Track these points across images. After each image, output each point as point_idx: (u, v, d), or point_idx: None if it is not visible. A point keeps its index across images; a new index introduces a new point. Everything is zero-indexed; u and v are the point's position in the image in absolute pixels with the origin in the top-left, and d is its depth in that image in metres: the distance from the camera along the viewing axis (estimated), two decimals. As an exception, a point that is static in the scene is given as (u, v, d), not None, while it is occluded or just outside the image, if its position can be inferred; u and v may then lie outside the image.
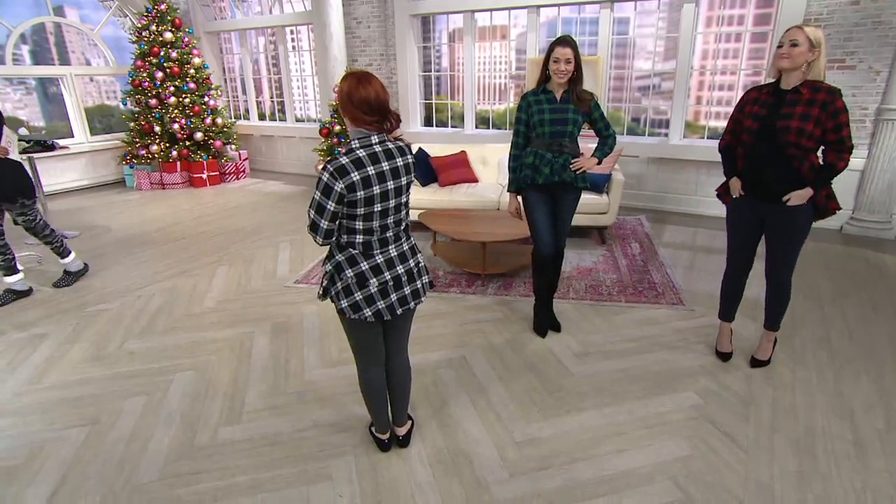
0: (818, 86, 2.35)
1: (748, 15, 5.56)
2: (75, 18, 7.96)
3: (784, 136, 2.40)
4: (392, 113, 1.88)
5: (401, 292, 2.01)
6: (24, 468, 2.26)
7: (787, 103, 2.40)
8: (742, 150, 2.62)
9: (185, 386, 2.85)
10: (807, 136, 2.35)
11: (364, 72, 1.86)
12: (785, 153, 2.42)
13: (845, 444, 2.33)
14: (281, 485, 2.16)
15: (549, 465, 2.24)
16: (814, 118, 2.33)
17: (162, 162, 7.58)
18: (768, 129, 2.45)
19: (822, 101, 2.31)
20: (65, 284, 4.17)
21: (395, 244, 2.00)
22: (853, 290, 3.86)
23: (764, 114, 2.48)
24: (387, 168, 1.85)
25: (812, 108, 2.33)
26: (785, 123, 2.39)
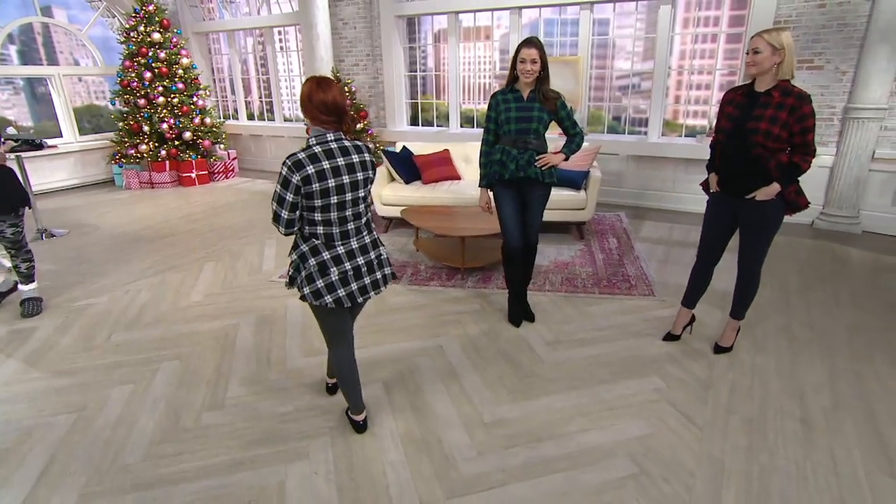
0: (790, 90, 2.47)
1: (723, 16, 5.73)
2: (63, 19, 8.02)
3: (752, 137, 2.54)
4: (348, 114, 2.04)
5: (361, 281, 2.16)
6: (12, 452, 2.36)
7: (759, 105, 2.54)
8: (719, 149, 2.77)
9: (171, 375, 2.95)
10: (773, 138, 2.49)
11: (324, 77, 2.04)
12: (752, 153, 2.56)
13: (793, 422, 2.47)
14: (259, 463, 2.27)
15: (515, 443, 2.37)
16: (781, 121, 2.46)
17: (151, 161, 7.65)
18: (739, 129, 2.60)
19: (791, 105, 2.44)
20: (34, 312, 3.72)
21: (357, 237, 2.14)
22: (818, 283, 4.02)
23: (737, 115, 2.62)
24: (342, 163, 2.00)
25: (781, 111, 2.46)
26: (754, 125, 2.53)
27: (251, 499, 2.09)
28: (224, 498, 2.10)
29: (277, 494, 2.11)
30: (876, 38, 4.67)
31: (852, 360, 2.99)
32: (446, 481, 2.16)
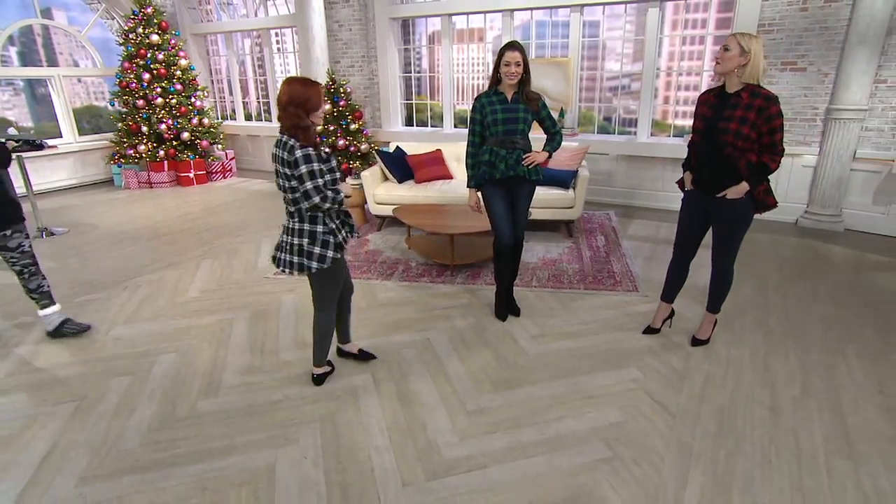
0: (758, 92, 2.58)
1: (710, 19, 5.84)
2: (63, 20, 8.13)
3: (722, 137, 2.64)
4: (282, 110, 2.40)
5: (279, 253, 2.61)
6: (17, 437, 2.48)
7: (729, 106, 2.64)
8: (693, 148, 2.89)
9: (168, 366, 3.07)
10: (742, 138, 2.59)
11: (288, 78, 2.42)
12: (723, 152, 2.67)
13: (762, 410, 2.59)
14: (251, 448, 2.39)
15: (496, 429, 2.48)
16: (750, 122, 2.57)
17: (149, 161, 7.76)
18: (711, 129, 2.71)
19: (759, 106, 2.54)
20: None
21: (290, 219, 2.54)
22: (798, 279, 4.14)
23: (709, 115, 2.73)
24: (275, 152, 2.46)
25: (749, 112, 2.57)
26: (724, 125, 2.63)
27: (243, 481, 2.20)
28: (217, 480, 2.21)
29: (267, 477, 2.22)
30: (855, 41, 4.79)
31: (825, 352, 3.10)
32: (428, 464, 2.27)
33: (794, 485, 2.14)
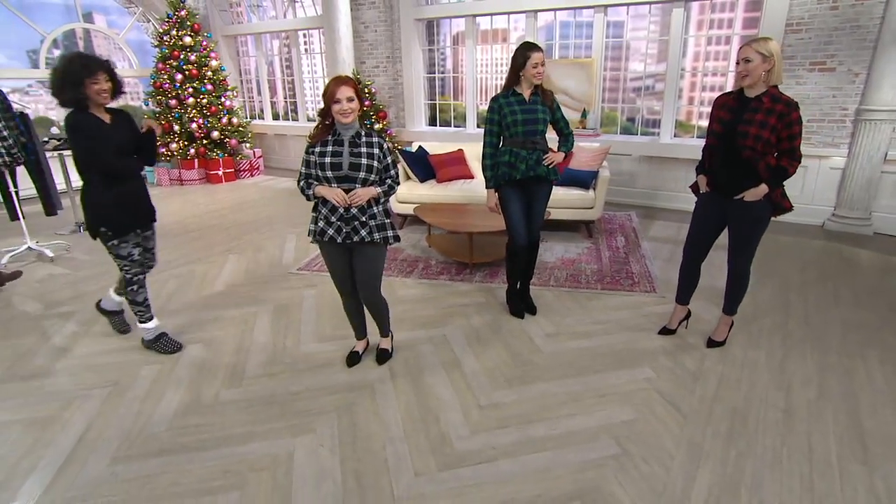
0: (779, 97, 2.59)
1: (736, 19, 5.77)
2: (102, 24, 8.46)
3: (742, 141, 2.65)
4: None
5: None
6: (56, 418, 2.63)
7: (750, 110, 2.65)
8: (710, 152, 2.89)
9: (194, 356, 3.20)
10: (762, 142, 2.60)
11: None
12: (742, 155, 2.67)
13: (776, 412, 2.59)
14: (271, 436, 2.49)
15: (507, 424, 2.54)
16: (770, 126, 2.57)
17: (181, 159, 8.02)
18: (730, 132, 2.71)
19: (780, 111, 2.55)
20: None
21: None
22: (821, 282, 4.08)
23: (728, 118, 2.73)
24: None
25: (770, 117, 2.57)
26: (744, 129, 2.63)
27: (263, 466, 2.31)
28: (239, 465, 2.31)
29: (286, 463, 2.32)
30: (889, 39, 4.68)
31: (844, 356, 3.07)
32: (440, 456, 2.34)
33: (804, 486, 2.14)
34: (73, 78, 2.71)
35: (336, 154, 2.56)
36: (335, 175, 2.56)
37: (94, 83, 2.74)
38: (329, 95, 2.49)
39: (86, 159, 2.85)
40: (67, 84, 2.72)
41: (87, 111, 2.81)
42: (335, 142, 2.58)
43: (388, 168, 2.69)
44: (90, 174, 2.89)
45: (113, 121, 2.93)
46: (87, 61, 2.76)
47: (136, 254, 3.13)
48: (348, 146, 2.57)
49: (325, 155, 2.56)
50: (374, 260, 2.76)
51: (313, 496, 2.14)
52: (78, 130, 2.78)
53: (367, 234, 2.65)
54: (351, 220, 2.62)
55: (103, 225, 2.97)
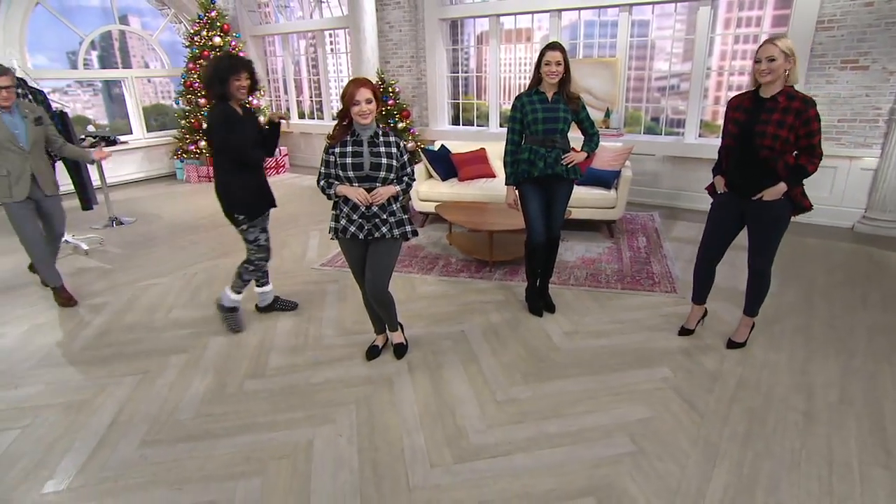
0: (794, 94, 2.56)
1: (765, 17, 5.67)
2: (137, 25, 8.72)
3: (760, 141, 2.63)
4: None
5: None
6: (89, 402, 2.75)
7: (766, 110, 2.62)
8: (726, 153, 2.88)
9: (219, 347, 3.30)
10: (781, 141, 2.58)
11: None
12: (759, 156, 2.66)
13: (796, 414, 2.56)
14: (292, 425, 2.56)
15: (523, 419, 2.57)
16: (788, 125, 2.55)
17: (209, 157, 8.20)
18: (747, 133, 2.69)
19: (797, 109, 2.53)
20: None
21: None
22: (848, 285, 3.99)
23: (744, 119, 2.71)
24: None
25: (787, 115, 2.55)
26: (762, 129, 2.62)
27: (283, 454, 2.38)
28: (260, 452, 2.39)
29: (306, 452, 2.39)
30: (924, 37, 4.55)
31: (869, 360, 3.01)
32: (456, 448, 2.38)
33: (823, 489, 2.12)
34: (222, 75, 2.98)
35: (356, 154, 2.62)
36: (357, 175, 2.62)
37: (237, 80, 3.02)
38: (348, 97, 2.54)
39: (225, 148, 3.09)
40: (216, 80, 3.00)
41: (226, 104, 3.07)
42: (354, 142, 2.64)
43: (405, 166, 2.75)
44: (227, 163, 3.14)
45: (245, 115, 3.19)
46: (234, 61, 3.05)
47: (262, 239, 3.45)
48: (367, 146, 2.63)
49: (345, 155, 2.62)
50: (388, 255, 2.81)
51: (331, 484, 2.20)
52: (222, 121, 3.03)
53: (387, 231, 2.71)
54: (372, 218, 2.68)
55: (238, 210, 3.24)
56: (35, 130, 3.64)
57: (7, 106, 3.47)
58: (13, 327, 3.59)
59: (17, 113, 3.57)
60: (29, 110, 3.65)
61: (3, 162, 3.53)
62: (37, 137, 3.65)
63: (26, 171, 3.63)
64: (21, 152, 3.58)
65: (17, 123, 3.56)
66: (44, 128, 3.71)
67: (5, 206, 3.67)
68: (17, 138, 3.54)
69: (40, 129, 3.68)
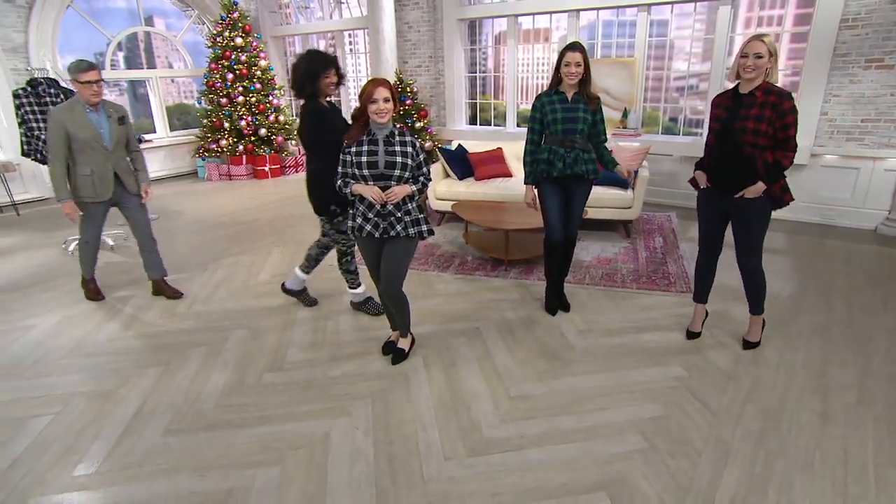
0: (771, 89, 2.62)
1: (787, 15, 5.60)
2: (162, 27, 8.92)
3: (741, 137, 2.68)
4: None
5: None
6: (115, 393, 2.85)
7: (744, 106, 2.68)
8: (709, 149, 2.91)
9: (239, 341, 3.39)
10: (762, 135, 2.63)
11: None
12: (742, 152, 2.70)
13: (811, 415, 2.55)
14: (310, 417, 2.62)
15: (536, 415, 2.60)
16: (766, 119, 2.61)
17: (230, 155, 8.36)
18: (728, 129, 2.74)
19: (773, 102, 2.59)
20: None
21: None
22: (869, 287, 3.94)
23: (724, 116, 2.76)
24: None
25: (764, 109, 2.61)
26: (742, 124, 2.67)
27: (300, 445, 2.44)
28: (278, 442, 2.46)
29: (322, 443, 2.44)
30: (951, 36, 4.47)
31: (889, 362, 2.98)
32: (470, 442, 2.42)
33: (837, 490, 2.12)
34: (312, 73, 3.09)
35: (372, 153, 2.66)
36: (371, 173, 2.66)
37: (327, 77, 3.11)
38: (366, 96, 2.59)
39: (320, 143, 3.19)
40: (306, 79, 3.10)
41: (316, 101, 3.17)
42: (370, 141, 2.68)
43: (421, 165, 2.78)
44: (321, 158, 3.22)
45: (332, 110, 3.29)
46: (323, 58, 3.15)
47: None
48: (383, 145, 2.67)
49: (361, 154, 2.67)
50: (403, 254, 2.84)
51: (347, 474, 2.25)
52: (316, 116, 3.15)
53: (402, 230, 2.75)
54: (387, 216, 2.72)
55: (333, 202, 3.33)
56: (118, 130, 3.61)
57: (95, 103, 3.46)
58: (44, 319, 3.72)
59: (102, 111, 3.54)
60: (113, 109, 3.62)
61: (88, 161, 3.52)
62: (119, 137, 3.63)
63: (109, 170, 3.61)
64: (105, 151, 3.56)
65: (102, 122, 3.53)
66: (126, 127, 3.68)
67: (83, 205, 3.66)
68: (102, 137, 3.52)
69: (123, 128, 3.65)
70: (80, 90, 3.38)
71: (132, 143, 3.79)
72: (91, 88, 3.38)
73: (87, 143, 3.47)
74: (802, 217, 5.58)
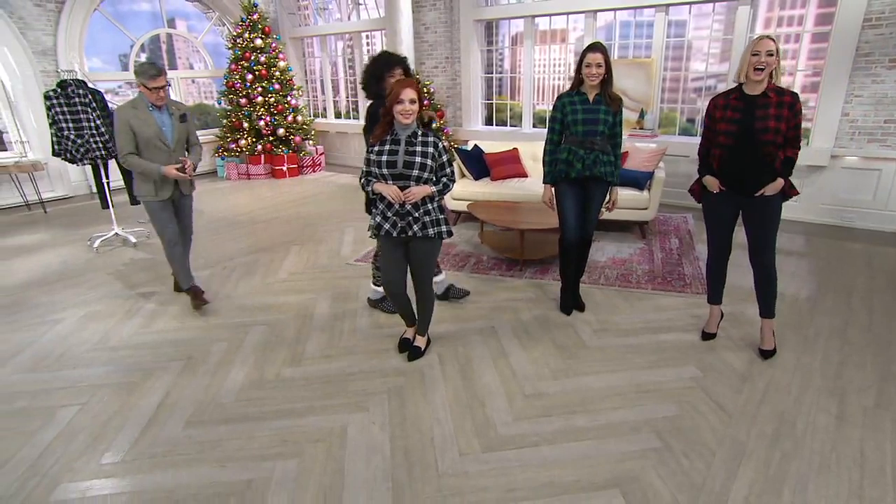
0: (782, 90, 2.70)
1: (808, 15, 5.54)
2: (183, 29, 9.09)
3: (763, 136, 2.70)
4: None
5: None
6: (139, 385, 2.93)
7: (760, 107, 2.70)
8: (718, 152, 2.88)
9: (258, 336, 3.46)
10: (781, 134, 2.70)
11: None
12: (762, 151, 2.72)
13: (828, 417, 2.54)
14: (327, 411, 2.68)
15: (551, 413, 2.62)
16: (784, 118, 2.68)
17: (248, 155, 8.49)
18: (747, 131, 2.74)
19: (789, 102, 2.68)
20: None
21: None
22: (889, 289, 3.90)
23: (739, 117, 2.76)
24: None
25: (782, 109, 2.68)
26: (763, 125, 2.69)
27: (318, 438, 2.49)
28: (297, 435, 2.51)
29: (340, 437, 2.50)
30: (977, 36, 4.39)
31: (909, 366, 2.95)
32: (484, 438, 2.46)
33: (853, 492, 2.11)
34: (377, 72, 3.14)
35: (392, 153, 2.71)
36: (391, 172, 2.71)
37: (391, 77, 3.11)
38: (393, 96, 2.63)
39: (368, 141, 3.19)
40: (372, 79, 3.16)
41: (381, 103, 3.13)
42: (392, 141, 2.73)
43: (444, 166, 2.81)
44: None
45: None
46: (388, 57, 3.18)
47: None
48: (404, 145, 2.71)
49: (382, 153, 2.72)
50: (426, 254, 2.89)
51: (364, 468, 2.30)
52: (370, 117, 3.17)
53: (419, 230, 2.78)
54: (405, 216, 2.76)
55: None
56: (179, 128, 3.57)
57: (160, 105, 3.46)
58: (70, 313, 3.83)
59: (165, 109, 3.51)
60: (175, 107, 3.57)
61: (150, 159, 3.47)
62: (181, 135, 3.59)
63: None
64: (167, 150, 3.52)
65: (164, 120, 3.50)
66: (187, 125, 3.63)
67: (148, 205, 3.64)
68: (164, 135, 3.49)
69: (184, 126, 3.60)
70: (146, 93, 3.37)
71: (192, 138, 3.72)
72: (157, 94, 3.38)
73: (150, 140, 3.45)
74: (821, 219, 5.51)
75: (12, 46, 6.79)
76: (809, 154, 5.26)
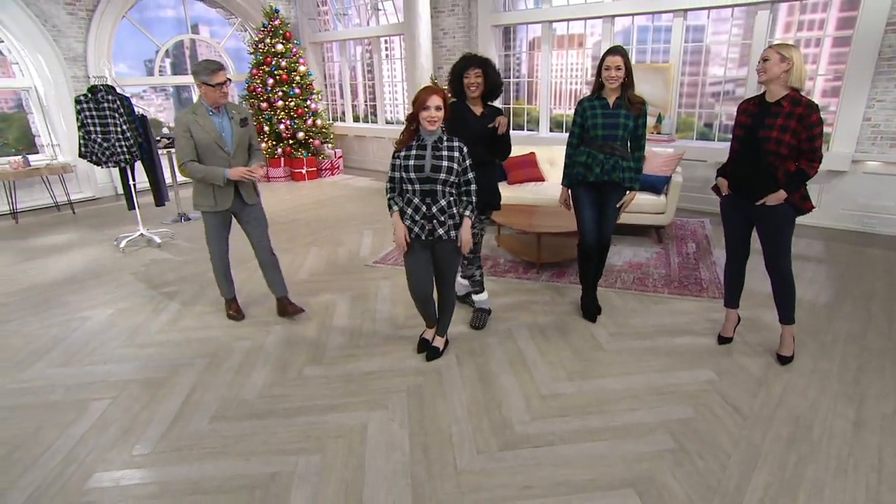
0: (799, 100, 2.62)
1: (829, 19, 5.51)
2: (206, 34, 9.29)
3: (765, 145, 2.70)
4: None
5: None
6: (166, 381, 3.03)
7: (770, 115, 2.69)
8: (731, 156, 2.93)
9: (280, 335, 3.54)
10: (785, 145, 2.65)
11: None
12: (765, 160, 2.72)
13: (845, 422, 2.54)
14: (348, 409, 2.75)
15: (567, 414, 2.66)
16: (791, 130, 2.62)
17: (268, 158, 8.64)
18: (752, 138, 2.76)
19: (800, 114, 2.60)
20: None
21: None
22: (910, 296, 3.87)
23: (749, 123, 2.78)
24: None
25: (790, 120, 2.62)
26: (766, 134, 2.68)
27: (340, 434, 2.56)
28: (319, 431, 2.58)
29: (360, 434, 2.56)
30: None
31: (929, 373, 2.94)
32: (501, 437, 2.51)
33: (870, 497, 2.12)
34: (456, 73, 3.21)
35: (419, 157, 2.78)
36: (418, 177, 2.78)
37: (466, 77, 3.17)
38: (419, 103, 2.71)
39: None
40: (453, 78, 3.24)
41: (461, 101, 3.26)
42: (418, 146, 2.80)
43: (466, 171, 2.86)
44: None
45: (483, 114, 3.29)
46: (467, 57, 3.23)
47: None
48: (431, 150, 2.78)
49: (409, 158, 2.79)
50: (450, 255, 2.96)
51: (384, 463, 2.36)
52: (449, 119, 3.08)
53: (444, 233, 2.85)
54: (431, 219, 2.83)
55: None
56: (240, 132, 3.37)
57: (221, 105, 3.28)
58: (99, 311, 3.96)
59: (224, 113, 3.33)
60: (236, 111, 3.39)
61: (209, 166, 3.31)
62: (241, 140, 3.39)
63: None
64: (226, 156, 3.33)
65: (224, 125, 3.32)
66: (247, 130, 3.44)
67: (205, 217, 3.52)
68: (224, 141, 3.31)
69: (244, 131, 3.41)
70: (207, 93, 3.19)
71: (254, 144, 3.54)
72: (220, 90, 3.20)
73: (209, 146, 3.27)
74: (841, 225, 5.47)
75: (46, 53, 7.03)
76: (830, 159, 5.22)
